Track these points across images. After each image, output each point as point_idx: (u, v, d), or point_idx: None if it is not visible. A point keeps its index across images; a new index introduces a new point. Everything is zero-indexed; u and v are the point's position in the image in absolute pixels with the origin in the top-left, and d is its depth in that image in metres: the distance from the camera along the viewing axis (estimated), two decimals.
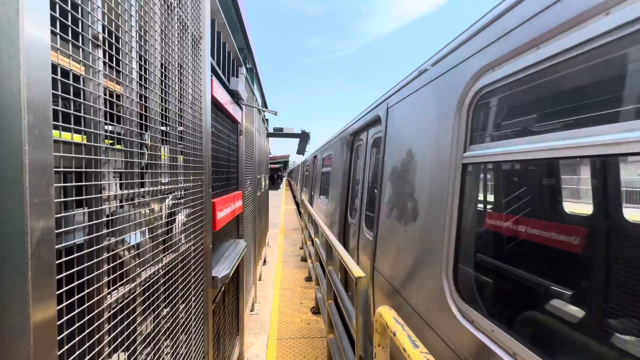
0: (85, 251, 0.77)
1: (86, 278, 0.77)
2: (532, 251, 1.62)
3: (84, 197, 0.77)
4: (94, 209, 0.80)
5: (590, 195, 1.55)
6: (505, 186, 1.81)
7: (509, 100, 1.34)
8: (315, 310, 4.48)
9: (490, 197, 1.86)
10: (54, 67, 0.66)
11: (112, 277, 0.88)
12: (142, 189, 1.07)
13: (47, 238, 0.62)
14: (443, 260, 1.41)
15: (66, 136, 0.70)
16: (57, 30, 0.67)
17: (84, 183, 0.77)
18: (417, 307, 1.60)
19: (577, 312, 1.20)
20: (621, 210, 1.46)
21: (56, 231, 0.65)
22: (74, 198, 0.74)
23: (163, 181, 1.26)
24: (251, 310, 4.32)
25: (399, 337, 1.21)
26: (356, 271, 1.94)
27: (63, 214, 0.68)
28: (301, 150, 13.14)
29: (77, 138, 0.75)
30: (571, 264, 1.49)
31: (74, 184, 0.73)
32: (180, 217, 1.45)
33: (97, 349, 0.80)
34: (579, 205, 1.65)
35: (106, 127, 0.86)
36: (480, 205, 1.77)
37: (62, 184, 0.68)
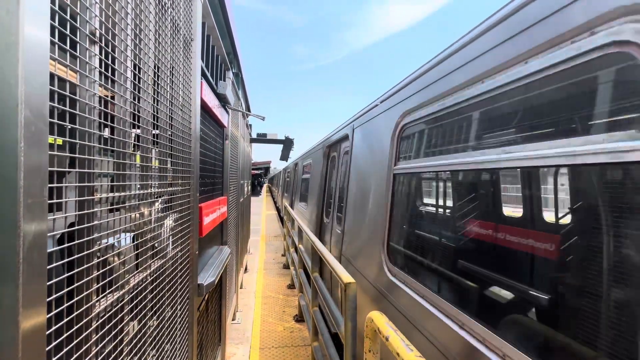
0: (76, 256, 0.73)
1: (76, 285, 0.73)
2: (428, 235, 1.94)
3: (77, 198, 0.73)
4: (85, 211, 0.76)
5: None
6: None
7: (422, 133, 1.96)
8: (299, 318, 4.42)
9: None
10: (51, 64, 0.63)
11: (101, 283, 0.83)
12: (131, 192, 1.03)
13: (40, 241, 0.58)
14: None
15: (55, 141, 0.67)
16: (56, 24, 0.64)
17: (77, 184, 0.73)
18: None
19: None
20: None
21: (48, 234, 0.61)
22: (65, 200, 0.70)
23: (152, 184, 1.21)
24: (233, 320, 4.21)
25: (392, 342, 1.22)
26: (345, 277, 1.94)
27: (54, 216, 0.65)
28: (285, 157, 13.08)
29: (59, 141, 0.71)
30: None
31: (65, 184, 0.69)
32: (168, 222, 1.40)
33: None
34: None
35: (99, 128, 0.83)
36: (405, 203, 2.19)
37: (56, 185, 0.64)
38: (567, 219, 1.17)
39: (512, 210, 1.42)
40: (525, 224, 1.36)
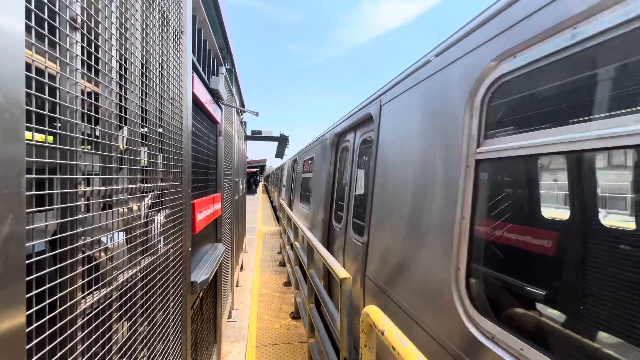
0: (59, 251, 0.70)
1: (59, 281, 0.70)
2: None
3: (59, 191, 0.70)
4: (68, 204, 0.73)
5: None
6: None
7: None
8: (295, 315, 4.41)
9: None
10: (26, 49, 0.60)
11: (86, 280, 0.80)
12: (118, 186, 1.00)
13: (17, 235, 0.56)
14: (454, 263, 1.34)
15: (35, 137, 0.63)
16: (32, 7, 0.61)
17: (58, 176, 0.70)
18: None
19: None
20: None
21: (26, 227, 0.58)
22: (46, 192, 0.67)
23: (140, 179, 1.18)
24: (229, 318, 4.18)
25: (388, 336, 1.21)
26: (340, 272, 1.93)
27: (34, 209, 0.62)
28: (280, 154, 13.05)
29: (42, 138, 0.68)
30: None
31: (47, 176, 0.66)
32: (159, 218, 1.37)
33: None
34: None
35: (84, 120, 0.80)
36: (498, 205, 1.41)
37: (35, 176, 0.61)
38: None
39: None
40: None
